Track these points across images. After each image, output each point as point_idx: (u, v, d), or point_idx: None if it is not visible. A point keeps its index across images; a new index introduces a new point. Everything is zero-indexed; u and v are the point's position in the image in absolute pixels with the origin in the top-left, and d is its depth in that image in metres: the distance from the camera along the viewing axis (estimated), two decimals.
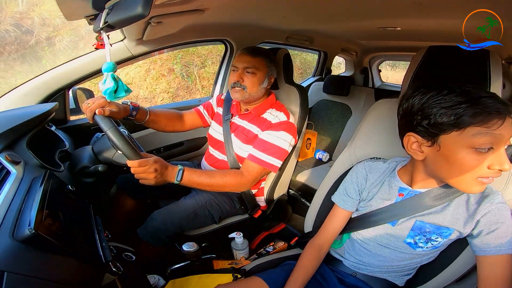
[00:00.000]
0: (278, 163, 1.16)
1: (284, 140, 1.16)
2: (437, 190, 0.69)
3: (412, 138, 0.65)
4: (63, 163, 0.92)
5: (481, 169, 0.58)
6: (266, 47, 1.55)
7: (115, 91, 0.87)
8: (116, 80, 0.86)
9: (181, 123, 1.37)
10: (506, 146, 0.58)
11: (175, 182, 0.99)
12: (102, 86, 0.86)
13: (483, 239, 0.65)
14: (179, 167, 1.00)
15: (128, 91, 0.91)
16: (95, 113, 0.89)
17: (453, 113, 0.57)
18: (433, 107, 0.59)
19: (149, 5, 0.61)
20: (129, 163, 0.87)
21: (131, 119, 1.14)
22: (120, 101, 1.05)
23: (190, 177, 1.02)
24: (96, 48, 0.87)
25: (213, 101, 1.43)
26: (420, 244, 0.73)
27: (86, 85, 1.35)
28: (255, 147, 1.16)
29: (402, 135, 0.69)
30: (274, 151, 1.14)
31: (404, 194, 0.74)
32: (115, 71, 0.87)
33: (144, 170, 0.89)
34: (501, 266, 0.63)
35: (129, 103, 1.11)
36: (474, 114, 0.55)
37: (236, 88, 1.16)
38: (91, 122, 0.93)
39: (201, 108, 1.43)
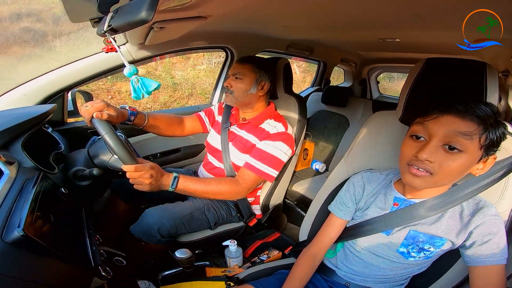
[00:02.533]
0: (274, 173, 1.17)
1: (281, 151, 1.17)
2: (432, 201, 0.69)
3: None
4: (58, 165, 0.91)
5: (409, 155, 0.64)
6: (267, 56, 1.57)
7: (142, 94, 0.89)
8: (139, 81, 0.88)
9: (180, 127, 1.37)
10: (441, 143, 0.60)
11: (170, 189, 0.99)
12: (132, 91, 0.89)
13: (476, 250, 0.66)
14: (174, 174, 1.00)
15: (153, 88, 0.91)
16: (92, 117, 0.89)
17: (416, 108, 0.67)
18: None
19: (153, 10, 0.61)
20: (125, 167, 0.86)
21: (129, 124, 1.13)
22: (118, 106, 1.06)
23: (185, 184, 1.01)
24: (106, 52, 0.88)
25: (215, 109, 1.44)
26: (413, 254, 0.73)
27: (85, 87, 1.35)
28: (252, 156, 1.16)
29: None
30: (270, 160, 1.15)
31: (399, 204, 0.74)
32: (137, 73, 0.88)
33: (139, 175, 0.88)
34: (493, 276, 0.64)
35: (127, 108, 1.10)
36: (421, 107, 0.64)
37: (226, 93, 1.25)
38: (89, 125, 0.93)
39: (202, 114, 1.43)
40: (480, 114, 0.58)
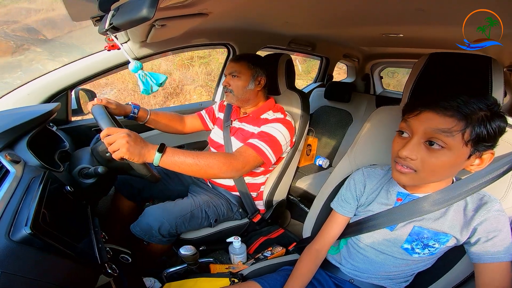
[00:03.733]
0: (271, 156, 1.12)
1: (280, 132, 1.15)
2: (435, 195, 0.69)
3: None
4: (63, 164, 0.92)
5: (395, 152, 0.66)
6: (269, 52, 1.56)
7: (151, 87, 0.89)
8: (147, 75, 0.88)
9: (181, 125, 1.40)
10: (423, 140, 0.60)
11: (155, 157, 0.85)
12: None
13: (481, 247, 0.65)
14: (162, 143, 0.88)
15: (162, 80, 0.92)
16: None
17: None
18: None
19: (154, 7, 0.61)
20: (102, 133, 0.82)
21: (133, 116, 1.18)
22: (123, 102, 1.08)
23: (174, 154, 0.88)
24: (108, 50, 0.89)
25: (216, 106, 1.47)
26: (417, 250, 0.73)
27: (88, 86, 1.36)
28: (253, 137, 1.15)
29: None
30: (268, 139, 1.12)
31: (403, 199, 0.74)
32: (142, 68, 0.89)
33: (114, 137, 0.80)
34: (499, 273, 0.63)
35: (130, 103, 1.16)
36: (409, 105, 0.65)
37: (226, 92, 1.27)
38: (85, 113, 0.95)
39: (203, 112, 1.46)
40: (462, 110, 0.56)
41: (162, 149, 0.86)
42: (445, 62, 0.76)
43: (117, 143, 0.79)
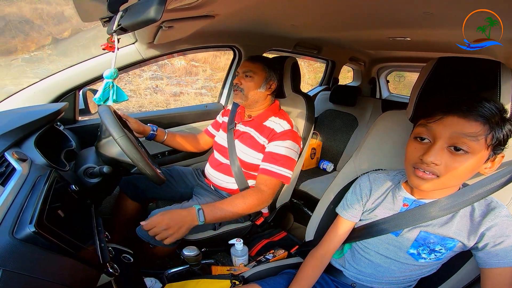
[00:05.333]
0: (289, 173, 1.18)
1: (292, 150, 1.18)
2: (442, 201, 0.68)
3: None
4: (69, 163, 0.93)
5: (414, 158, 0.64)
6: (274, 55, 1.56)
7: (107, 99, 0.89)
8: (113, 87, 0.88)
9: (196, 143, 1.50)
10: (446, 145, 0.59)
11: (200, 223, 0.99)
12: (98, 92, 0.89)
13: (488, 252, 0.64)
14: (196, 207, 1.01)
15: (121, 99, 0.92)
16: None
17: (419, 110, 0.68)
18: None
19: (161, 9, 0.62)
20: (145, 226, 0.94)
21: (153, 134, 1.31)
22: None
23: (212, 212, 1.02)
24: (104, 49, 0.89)
25: (219, 116, 1.51)
26: (423, 255, 0.72)
27: (96, 86, 1.38)
28: (266, 160, 1.17)
29: None
30: (284, 161, 1.15)
31: (409, 204, 0.73)
32: (116, 78, 0.89)
33: (157, 228, 0.92)
34: (506, 278, 0.62)
35: (149, 124, 1.29)
36: (423, 108, 0.64)
37: (236, 90, 1.26)
38: (92, 113, 0.97)
39: (209, 127, 1.51)
40: (485, 114, 0.56)
41: (201, 215, 0.99)
42: (454, 67, 0.75)
43: (163, 233, 0.92)
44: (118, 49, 0.84)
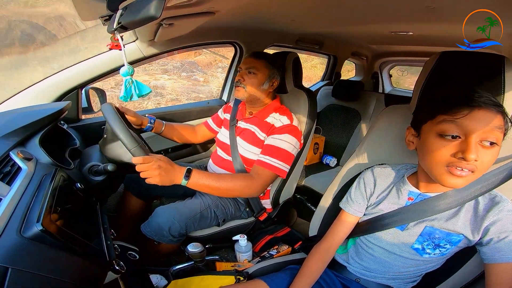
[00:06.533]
0: (285, 167, 1.16)
1: (289, 143, 1.16)
2: (448, 194, 0.68)
3: (408, 131, 0.72)
4: (73, 161, 0.94)
5: (446, 157, 0.60)
6: (276, 51, 1.55)
7: (132, 96, 0.90)
8: (134, 83, 0.89)
9: (194, 135, 1.47)
10: (478, 139, 0.57)
11: (182, 182, 0.97)
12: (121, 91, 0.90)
13: (493, 247, 0.64)
14: (188, 167, 0.99)
15: (145, 92, 0.93)
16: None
17: (430, 103, 0.64)
18: (424, 100, 0.66)
19: (161, 7, 0.61)
20: (134, 159, 0.88)
21: (151, 127, 1.28)
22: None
23: (199, 178, 0.99)
24: (110, 49, 0.89)
25: (220, 111, 1.49)
26: (428, 250, 0.72)
27: (98, 84, 1.38)
28: (263, 152, 1.16)
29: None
30: (280, 154, 1.14)
31: (414, 198, 0.73)
32: (133, 74, 0.89)
33: (148, 167, 0.87)
34: (510, 274, 0.62)
35: (146, 115, 1.25)
36: (443, 102, 0.60)
37: (238, 86, 1.24)
38: (95, 111, 0.98)
39: (209, 120, 1.50)
40: (500, 105, 0.57)
41: (188, 175, 0.97)
42: (457, 61, 0.74)
43: (150, 172, 0.89)
44: (124, 46, 0.85)
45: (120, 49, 0.85)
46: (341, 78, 2.88)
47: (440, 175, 0.62)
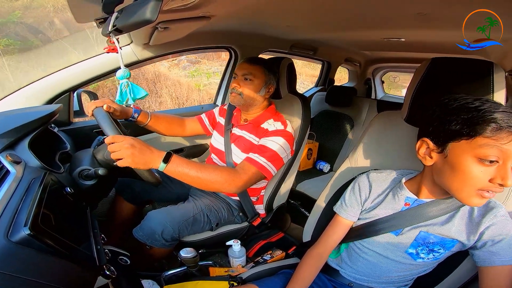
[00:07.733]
0: (272, 170, 1.12)
1: (280, 146, 1.14)
2: (443, 201, 0.69)
3: (425, 144, 0.66)
4: (64, 165, 0.92)
5: (482, 181, 0.58)
6: (270, 56, 1.56)
7: (127, 100, 0.90)
8: (129, 86, 0.88)
9: (181, 128, 1.39)
10: None
11: (160, 166, 0.87)
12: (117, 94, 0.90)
13: (487, 251, 0.65)
14: (167, 153, 0.89)
15: (141, 96, 0.92)
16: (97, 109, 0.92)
17: (467, 122, 0.57)
18: (451, 114, 0.60)
19: (156, 10, 0.62)
20: (106, 139, 0.83)
21: (132, 121, 1.18)
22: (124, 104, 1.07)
23: (179, 164, 0.89)
24: (107, 52, 0.89)
25: (216, 110, 1.45)
26: (422, 255, 0.73)
27: (90, 87, 1.37)
28: (252, 151, 1.14)
29: (418, 139, 0.69)
30: (269, 155, 1.11)
31: (410, 204, 0.73)
32: (129, 77, 0.89)
33: (119, 146, 0.80)
34: (504, 276, 0.63)
35: (131, 106, 1.14)
36: (486, 125, 0.55)
37: (233, 93, 1.21)
38: (88, 115, 0.96)
39: (203, 116, 1.45)
40: None
41: (167, 159, 0.87)
42: (447, 67, 0.76)
43: (121, 152, 0.80)
44: (121, 48, 0.85)
45: (117, 52, 0.85)
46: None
47: (469, 197, 0.60)
